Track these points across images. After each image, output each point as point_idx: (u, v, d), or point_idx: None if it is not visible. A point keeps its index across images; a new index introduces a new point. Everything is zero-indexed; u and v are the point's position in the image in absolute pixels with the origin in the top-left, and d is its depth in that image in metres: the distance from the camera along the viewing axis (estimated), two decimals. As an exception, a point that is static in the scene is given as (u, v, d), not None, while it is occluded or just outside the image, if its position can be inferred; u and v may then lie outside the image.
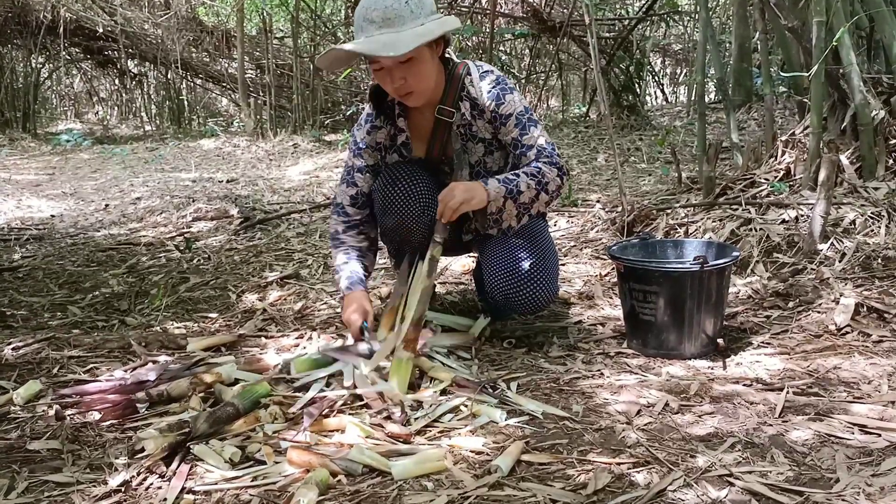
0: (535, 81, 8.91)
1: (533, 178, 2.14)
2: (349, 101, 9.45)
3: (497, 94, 2.18)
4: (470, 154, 2.28)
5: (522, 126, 2.19)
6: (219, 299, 2.94)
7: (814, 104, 3.00)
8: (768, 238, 2.84)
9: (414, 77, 2.07)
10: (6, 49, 10.59)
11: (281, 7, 9.92)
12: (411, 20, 2.01)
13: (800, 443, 1.59)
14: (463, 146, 2.27)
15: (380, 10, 1.99)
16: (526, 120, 2.19)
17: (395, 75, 2.06)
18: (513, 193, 2.13)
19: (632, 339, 2.21)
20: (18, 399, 1.90)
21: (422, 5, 2.03)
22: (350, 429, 1.66)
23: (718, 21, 9.38)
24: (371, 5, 2.01)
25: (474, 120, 2.22)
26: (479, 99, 2.20)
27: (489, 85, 2.20)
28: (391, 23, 1.99)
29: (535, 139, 2.19)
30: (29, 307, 2.90)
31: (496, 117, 2.20)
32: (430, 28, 2.03)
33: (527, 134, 2.19)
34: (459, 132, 2.26)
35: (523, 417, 1.75)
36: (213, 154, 8.00)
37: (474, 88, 2.20)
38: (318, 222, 4.29)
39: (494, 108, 2.19)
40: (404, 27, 2.00)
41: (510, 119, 2.19)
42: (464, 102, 2.21)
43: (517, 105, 2.19)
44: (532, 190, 2.14)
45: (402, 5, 2.00)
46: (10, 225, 4.61)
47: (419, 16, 2.02)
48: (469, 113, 2.21)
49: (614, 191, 4.28)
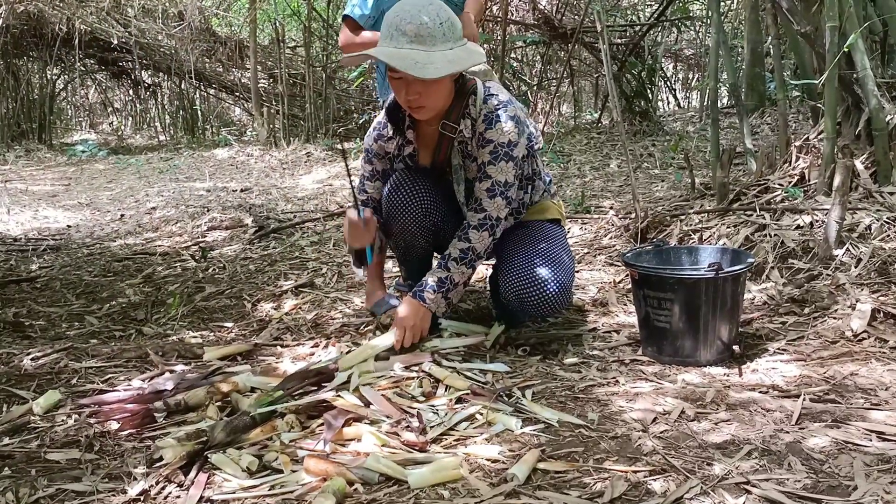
0: (546, 88, 8.91)
1: (465, 264, 2.24)
2: (361, 109, 9.49)
3: (492, 119, 2.20)
4: (467, 171, 2.31)
5: (495, 156, 2.20)
6: (234, 308, 2.95)
7: (828, 109, 2.99)
8: (783, 244, 2.83)
9: (429, 95, 2.11)
10: (22, 61, 10.71)
11: (293, 17, 9.99)
12: (442, 42, 2.05)
13: (817, 450, 1.58)
14: (461, 162, 2.31)
15: (414, 25, 2.03)
16: (502, 153, 2.20)
17: (412, 89, 2.10)
18: (450, 289, 2.23)
19: (647, 347, 2.21)
20: (38, 409, 1.92)
21: (453, 30, 2.09)
22: (366, 437, 1.67)
23: (730, 26, 9.35)
24: (406, 17, 2.04)
25: (470, 139, 2.25)
26: (476, 119, 2.22)
27: (489, 108, 2.21)
28: (423, 40, 2.04)
29: (497, 173, 2.20)
30: (47, 317, 2.93)
31: (480, 138, 2.22)
32: (460, 56, 2.09)
33: (493, 165, 2.20)
34: (459, 148, 2.29)
35: (539, 425, 1.75)
36: (226, 163, 8.05)
37: (476, 108, 2.22)
38: (331, 230, 4.31)
39: (483, 130, 2.21)
40: (434, 48, 2.04)
41: (489, 145, 2.20)
42: (465, 120, 2.23)
43: (503, 136, 2.19)
44: (467, 272, 2.26)
45: (437, 26, 2.04)
46: (28, 235, 4.66)
47: (449, 39, 2.07)
48: (468, 131, 2.24)
49: (627, 197, 4.28)
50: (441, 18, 2.07)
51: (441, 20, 2.06)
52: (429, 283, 2.24)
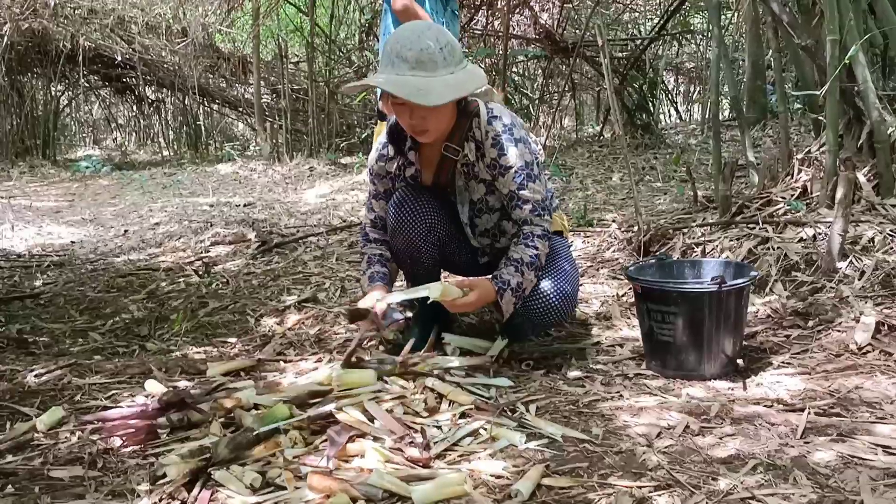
0: (548, 101, 8.94)
1: (534, 269, 2.21)
2: (364, 123, 9.53)
3: (502, 143, 2.20)
4: (472, 192, 2.32)
5: (521, 180, 2.21)
6: (237, 324, 2.96)
7: (829, 122, 2.99)
8: (786, 257, 2.82)
9: (432, 119, 2.13)
10: (27, 78, 10.77)
11: (296, 33, 10.05)
12: (443, 67, 2.07)
13: (823, 464, 1.57)
14: (465, 184, 2.31)
15: (415, 52, 2.05)
16: (525, 175, 2.21)
17: (415, 114, 2.11)
18: (521, 294, 2.21)
19: (651, 360, 2.20)
20: (41, 426, 1.92)
21: (453, 54, 2.10)
22: (370, 453, 1.66)
23: (731, 39, 9.38)
24: (406, 44, 2.06)
25: (477, 161, 2.25)
26: (483, 143, 2.22)
27: (495, 131, 2.21)
28: (424, 66, 2.05)
29: (531, 195, 2.21)
30: (50, 333, 2.94)
31: (496, 166, 2.22)
32: (461, 81, 2.10)
33: (524, 189, 2.21)
34: (463, 170, 2.30)
35: (543, 440, 1.74)
36: (230, 178, 8.08)
37: (480, 131, 2.22)
38: (334, 245, 4.31)
39: (496, 156, 2.21)
40: (436, 73, 2.05)
41: (509, 171, 2.21)
42: (469, 143, 2.24)
43: (519, 159, 2.20)
44: (534, 279, 2.23)
45: (437, 51, 2.06)
46: (32, 252, 4.67)
47: (450, 64, 2.09)
48: (473, 154, 2.24)
49: (630, 210, 4.28)
50: (441, 43, 2.08)
51: (441, 45, 2.07)
52: (512, 284, 2.18)
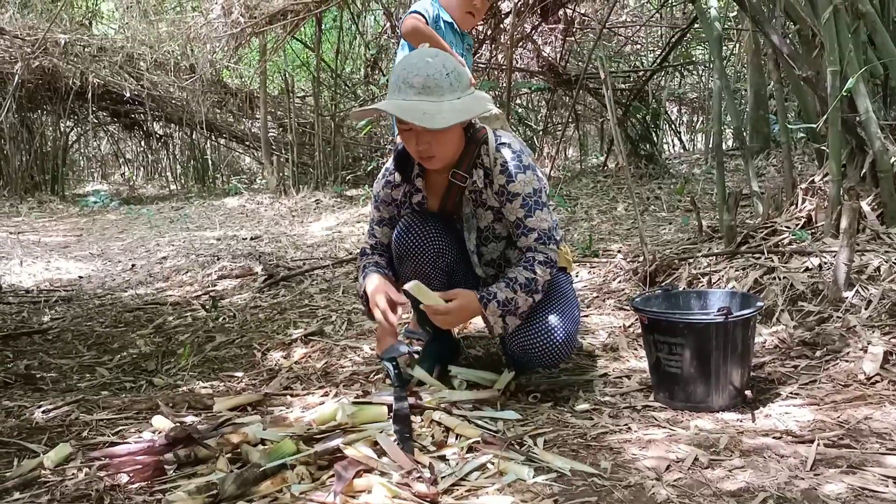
0: (552, 133, 9.00)
1: (528, 291, 2.18)
2: (370, 156, 9.60)
3: (510, 170, 2.21)
4: (479, 219, 2.33)
5: (529, 208, 2.22)
6: (244, 357, 2.96)
7: (832, 152, 3.01)
8: (792, 286, 2.82)
9: (439, 144, 2.14)
10: (36, 115, 10.91)
11: (302, 68, 10.16)
12: (449, 92, 2.09)
13: (833, 497, 1.56)
14: (473, 211, 2.32)
15: (421, 77, 2.07)
16: (533, 203, 2.22)
17: (422, 139, 2.13)
18: (511, 312, 2.19)
19: (658, 392, 2.20)
20: (49, 462, 1.92)
21: (460, 79, 2.13)
22: (377, 489, 1.65)
23: (733, 70, 9.46)
24: (413, 70, 2.09)
25: (485, 188, 2.26)
26: (492, 170, 2.23)
27: (504, 158, 2.22)
28: (430, 91, 2.08)
29: (538, 223, 2.22)
30: (58, 369, 2.94)
31: (503, 192, 2.23)
32: (467, 105, 2.12)
33: (531, 217, 2.22)
34: (471, 197, 2.30)
35: (551, 474, 1.73)
36: (236, 212, 8.13)
37: (489, 158, 2.23)
38: (340, 278, 4.33)
39: (504, 183, 2.22)
40: (442, 98, 2.08)
41: (517, 199, 2.21)
42: (477, 170, 2.25)
43: (527, 186, 2.21)
44: (529, 300, 2.20)
45: (443, 77, 2.09)
46: (40, 287, 4.69)
47: (457, 89, 2.11)
48: (481, 181, 2.25)
49: (635, 240, 4.29)
50: (447, 69, 2.11)
51: (447, 70, 2.10)
52: (499, 297, 2.18)
